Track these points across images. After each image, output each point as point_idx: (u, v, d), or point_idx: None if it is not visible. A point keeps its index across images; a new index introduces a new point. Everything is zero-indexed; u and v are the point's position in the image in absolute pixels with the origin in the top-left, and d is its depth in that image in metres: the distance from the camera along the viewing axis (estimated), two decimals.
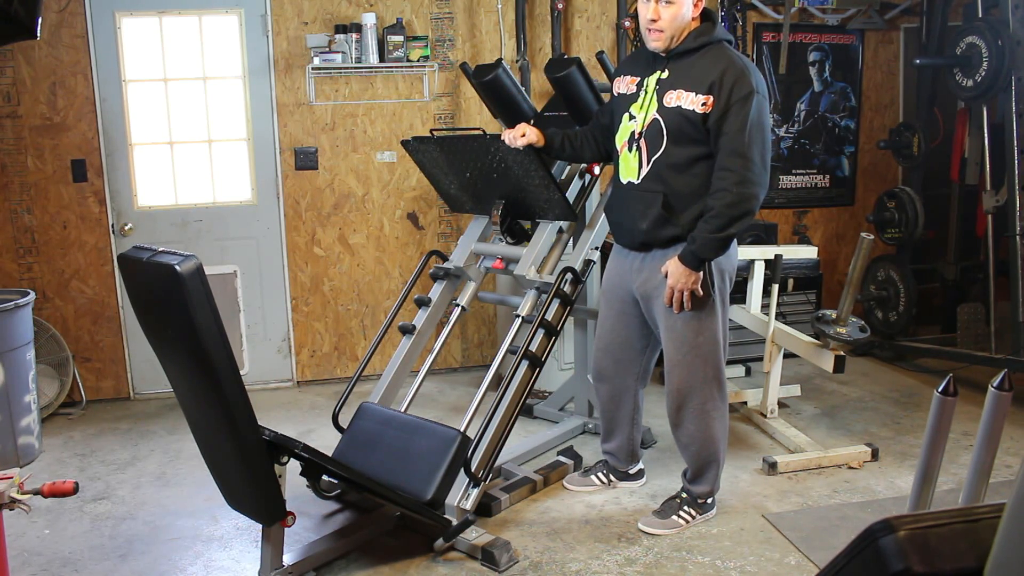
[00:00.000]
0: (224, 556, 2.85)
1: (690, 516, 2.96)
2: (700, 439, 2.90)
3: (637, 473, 3.29)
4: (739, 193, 2.56)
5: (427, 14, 4.49)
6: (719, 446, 2.93)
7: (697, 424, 2.88)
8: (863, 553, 0.95)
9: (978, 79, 4.15)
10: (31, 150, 4.17)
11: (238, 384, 2.21)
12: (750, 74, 2.59)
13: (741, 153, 2.55)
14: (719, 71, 2.58)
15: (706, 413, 2.86)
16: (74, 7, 4.10)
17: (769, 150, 2.64)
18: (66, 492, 2.03)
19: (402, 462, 2.89)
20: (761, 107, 2.59)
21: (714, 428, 2.89)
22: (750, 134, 2.55)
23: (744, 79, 2.57)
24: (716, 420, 2.88)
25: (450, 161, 3.31)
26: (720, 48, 2.66)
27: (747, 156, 2.55)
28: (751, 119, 2.55)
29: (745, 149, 2.55)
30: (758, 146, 2.58)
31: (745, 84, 2.56)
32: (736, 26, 4.84)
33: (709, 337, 2.79)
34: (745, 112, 2.54)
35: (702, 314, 2.76)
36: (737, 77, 2.57)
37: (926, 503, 1.59)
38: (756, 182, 2.58)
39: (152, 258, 2.17)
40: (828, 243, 5.30)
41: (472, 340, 4.88)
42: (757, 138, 2.57)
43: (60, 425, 4.12)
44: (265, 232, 4.51)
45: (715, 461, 2.94)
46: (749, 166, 2.56)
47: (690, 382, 2.83)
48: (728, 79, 2.57)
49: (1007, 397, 1.42)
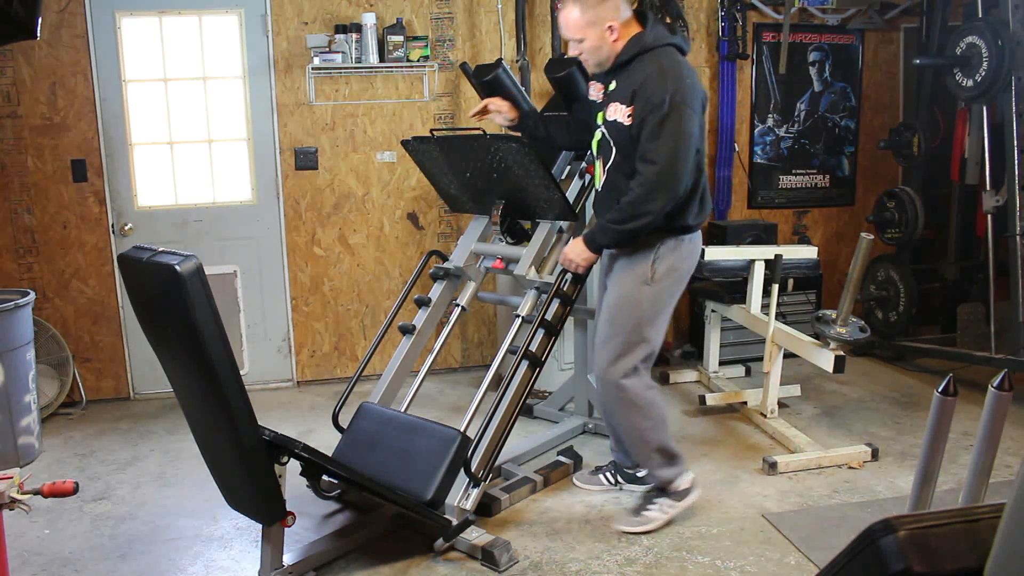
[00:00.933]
0: (224, 556, 2.85)
1: (668, 507, 2.95)
2: (624, 425, 2.92)
3: (645, 477, 3.27)
4: (642, 196, 2.64)
5: (427, 14, 4.49)
6: (653, 427, 2.90)
7: (616, 407, 2.89)
8: (863, 553, 0.95)
9: (978, 79, 4.15)
10: (31, 150, 4.17)
11: (238, 384, 2.21)
12: (667, 80, 2.59)
13: (650, 159, 2.62)
14: (640, 81, 2.64)
15: (631, 396, 2.86)
16: (74, 7, 4.10)
17: (685, 154, 2.62)
18: (66, 492, 2.03)
19: (402, 462, 2.89)
20: (677, 113, 2.58)
21: (631, 412, 2.88)
22: (662, 140, 2.59)
23: (659, 86, 2.59)
24: (644, 402, 2.87)
25: (450, 161, 3.31)
26: (649, 56, 2.67)
27: (655, 162, 2.61)
28: (665, 126, 2.58)
29: (654, 155, 2.61)
30: (669, 151, 2.60)
31: (659, 91, 2.58)
32: (736, 26, 4.84)
33: (636, 326, 2.82)
34: (657, 118, 2.58)
35: (633, 302, 2.81)
36: (653, 85, 2.60)
37: (926, 503, 1.59)
38: (662, 188, 2.63)
39: (152, 258, 2.17)
40: (828, 243, 5.30)
41: (472, 340, 4.88)
42: (667, 143, 2.59)
43: (60, 425, 4.12)
44: (265, 232, 4.51)
45: (646, 443, 2.91)
46: (656, 171, 2.61)
47: (611, 367, 2.86)
48: (645, 87, 2.61)
49: (1007, 397, 1.42)
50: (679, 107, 2.58)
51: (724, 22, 4.83)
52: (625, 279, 2.85)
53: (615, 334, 2.85)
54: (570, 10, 2.69)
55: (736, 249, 4.18)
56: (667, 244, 2.81)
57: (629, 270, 2.84)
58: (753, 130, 5.09)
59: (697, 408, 4.13)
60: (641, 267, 2.81)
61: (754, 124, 5.09)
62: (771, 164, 5.16)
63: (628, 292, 2.84)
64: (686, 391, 4.43)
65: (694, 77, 2.68)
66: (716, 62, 4.93)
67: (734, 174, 5.06)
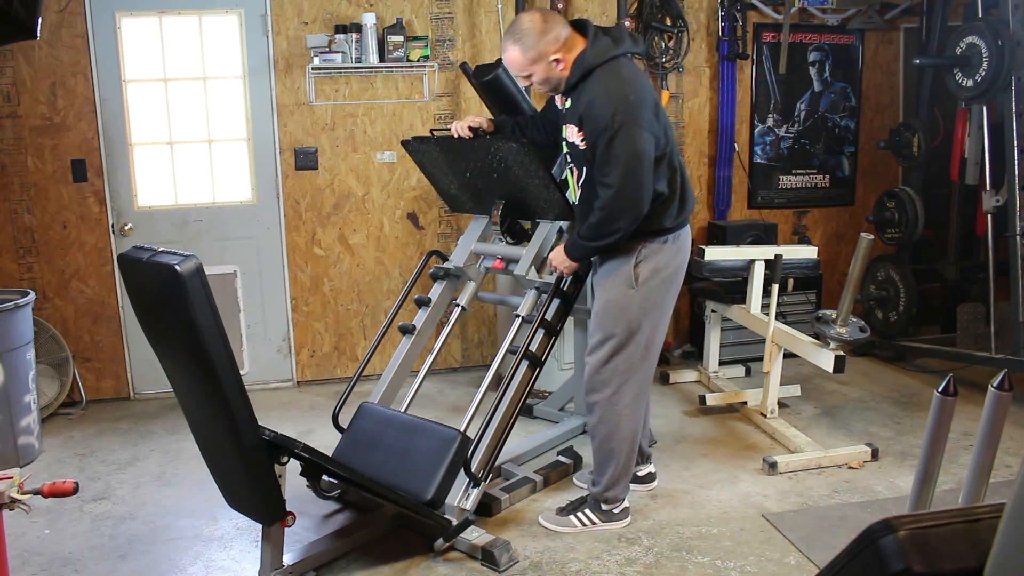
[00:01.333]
0: (224, 556, 2.85)
1: (589, 520, 2.93)
2: (604, 432, 2.88)
3: (647, 476, 3.27)
4: (603, 219, 2.67)
5: (427, 14, 4.49)
6: (622, 444, 2.88)
7: (603, 414, 2.86)
8: (863, 553, 0.95)
9: (978, 79, 4.15)
10: (31, 150, 4.17)
11: (238, 384, 2.21)
12: (610, 101, 2.58)
13: (607, 184, 2.63)
14: (585, 104, 2.64)
15: (613, 405, 2.85)
16: (74, 7, 4.10)
17: (640, 174, 2.60)
18: (66, 492, 2.03)
19: (402, 462, 2.89)
20: (624, 133, 2.57)
21: (620, 424, 2.86)
22: (613, 164, 2.59)
23: (603, 109, 2.58)
24: (624, 416, 2.86)
25: (450, 161, 3.31)
26: (593, 76, 2.65)
27: (611, 186, 2.62)
28: (613, 149, 2.58)
29: (609, 180, 2.62)
30: (621, 176, 2.59)
31: (603, 115, 2.58)
32: (736, 26, 4.84)
33: (626, 331, 2.80)
34: (605, 141, 2.59)
35: (620, 307, 2.80)
36: (597, 109, 2.60)
37: (926, 503, 1.59)
38: (621, 211, 2.64)
39: (152, 258, 2.17)
40: (828, 243, 5.30)
41: (472, 340, 4.88)
42: (619, 167, 2.59)
43: (60, 425, 4.12)
44: (265, 232, 4.51)
45: (615, 459, 2.89)
46: (612, 196, 2.62)
47: (602, 371, 2.84)
48: (590, 112, 2.61)
49: (1007, 397, 1.42)
50: (624, 127, 2.56)
51: (724, 22, 4.83)
52: (610, 284, 2.84)
53: (604, 340, 2.83)
54: (511, 51, 2.69)
55: (736, 249, 4.18)
56: (649, 247, 2.79)
57: (612, 275, 2.83)
58: (753, 130, 5.09)
59: (697, 408, 4.13)
60: (624, 272, 2.80)
61: (754, 124, 5.09)
62: (771, 164, 5.16)
63: (614, 297, 2.82)
64: (686, 391, 4.43)
65: (638, 87, 2.63)
66: (716, 62, 4.93)
67: (734, 174, 5.06)
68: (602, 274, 2.87)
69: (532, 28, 2.63)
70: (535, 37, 2.63)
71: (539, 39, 2.63)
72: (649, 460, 3.28)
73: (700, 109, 4.99)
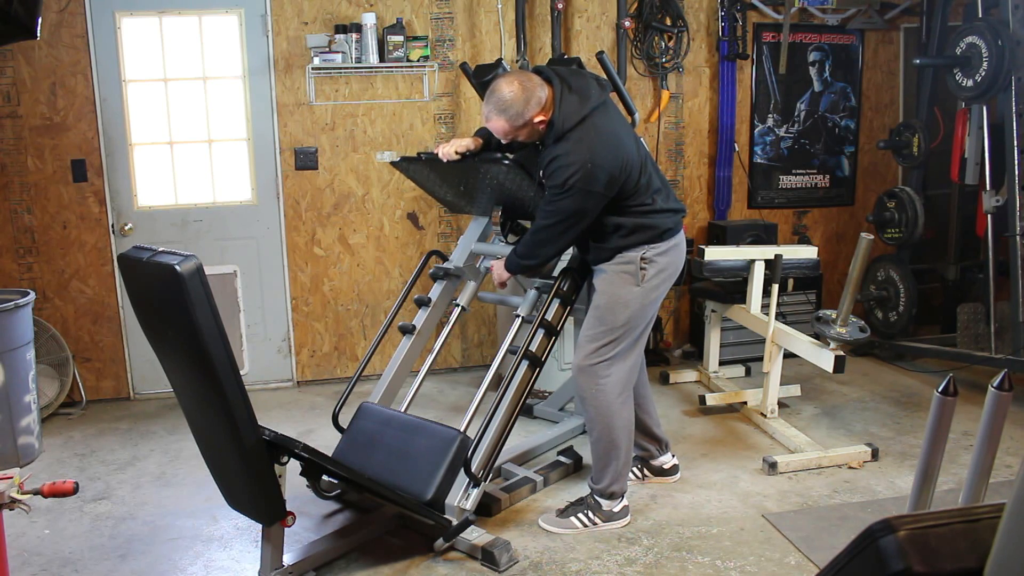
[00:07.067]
0: (224, 556, 2.85)
1: (590, 521, 2.95)
2: (600, 425, 2.91)
3: (672, 468, 3.31)
4: (530, 243, 2.89)
5: (427, 14, 4.49)
6: (621, 434, 2.91)
7: (597, 408, 2.89)
8: (863, 553, 0.95)
9: (978, 79, 4.15)
10: (31, 150, 4.17)
11: (238, 384, 2.21)
12: (571, 166, 2.65)
13: (539, 217, 2.83)
14: (550, 159, 2.72)
15: (603, 394, 2.87)
16: (74, 7, 4.10)
17: (560, 230, 2.77)
18: (66, 492, 2.03)
19: (402, 462, 2.89)
20: (572, 195, 2.67)
21: (613, 416, 2.89)
22: (549, 211, 2.75)
23: (562, 172, 2.66)
24: (616, 409, 2.89)
25: (442, 177, 3.34)
26: (564, 139, 2.69)
27: (540, 221, 2.82)
28: (558, 204, 2.71)
29: (541, 217, 2.81)
30: (547, 225, 2.77)
31: (561, 176, 2.67)
32: (736, 26, 4.84)
33: (625, 324, 2.86)
34: (556, 192, 2.70)
35: (626, 304, 2.85)
36: (558, 172, 2.67)
37: (926, 503, 1.59)
38: (539, 245, 2.85)
39: (152, 258, 2.17)
40: (828, 243, 5.30)
41: (472, 340, 4.88)
42: (550, 217, 2.75)
43: (60, 425, 4.12)
44: (265, 232, 4.51)
45: (617, 450, 2.92)
46: (535, 229, 2.85)
47: (593, 367, 2.87)
48: (551, 168, 2.71)
49: (1007, 397, 1.42)
50: (574, 190, 2.67)
51: (724, 22, 4.83)
52: (615, 280, 2.88)
53: (602, 332, 2.87)
54: (497, 122, 2.74)
55: (736, 249, 4.18)
56: (655, 248, 2.87)
57: (618, 272, 2.88)
58: (753, 130, 5.09)
59: (697, 408, 4.13)
60: (630, 269, 2.86)
61: (754, 124, 5.08)
62: (771, 164, 5.16)
63: (619, 292, 2.87)
64: (686, 391, 4.43)
65: (602, 150, 2.68)
66: (716, 62, 4.93)
67: (734, 174, 5.06)
68: (606, 270, 2.91)
69: (514, 98, 2.67)
70: (520, 107, 2.68)
71: (524, 108, 2.69)
72: (668, 447, 3.32)
73: (700, 109, 4.99)
